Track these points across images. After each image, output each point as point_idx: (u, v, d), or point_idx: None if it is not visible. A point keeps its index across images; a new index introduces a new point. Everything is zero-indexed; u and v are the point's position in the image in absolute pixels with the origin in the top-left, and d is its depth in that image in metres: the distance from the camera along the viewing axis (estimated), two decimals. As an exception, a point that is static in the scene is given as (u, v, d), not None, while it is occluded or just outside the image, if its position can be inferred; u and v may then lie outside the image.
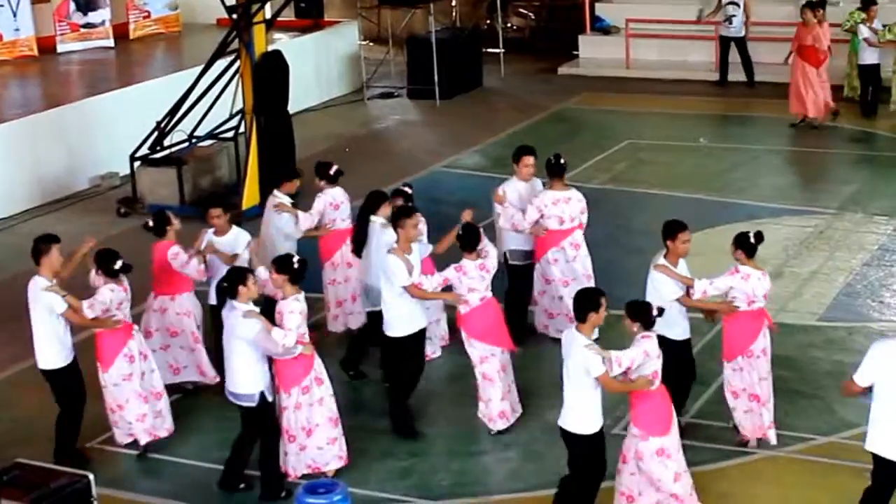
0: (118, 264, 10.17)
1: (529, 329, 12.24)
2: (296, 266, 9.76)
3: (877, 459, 8.54)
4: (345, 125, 20.66)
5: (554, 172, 11.93)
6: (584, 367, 8.78)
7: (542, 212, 11.81)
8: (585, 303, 8.90)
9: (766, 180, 17.23)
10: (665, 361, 9.05)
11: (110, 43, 22.11)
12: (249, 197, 15.94)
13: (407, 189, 11.77)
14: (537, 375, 11.49)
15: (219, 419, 10.92)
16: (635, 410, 9.02)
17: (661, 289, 10.03)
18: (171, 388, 11.05)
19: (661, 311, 9.06)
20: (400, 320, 10.45)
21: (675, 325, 10.04)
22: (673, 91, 21.61)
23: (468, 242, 10.42)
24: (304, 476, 9.83)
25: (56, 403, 10.30)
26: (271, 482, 9.75)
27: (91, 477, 8.44)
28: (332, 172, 12.21)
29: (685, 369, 10.23)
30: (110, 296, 10.15)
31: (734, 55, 21.55)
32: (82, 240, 10.78)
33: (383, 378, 11.22)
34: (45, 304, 10.02)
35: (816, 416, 10.69)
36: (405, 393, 10.70)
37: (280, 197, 12.08)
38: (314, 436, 9.86)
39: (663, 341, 9.29)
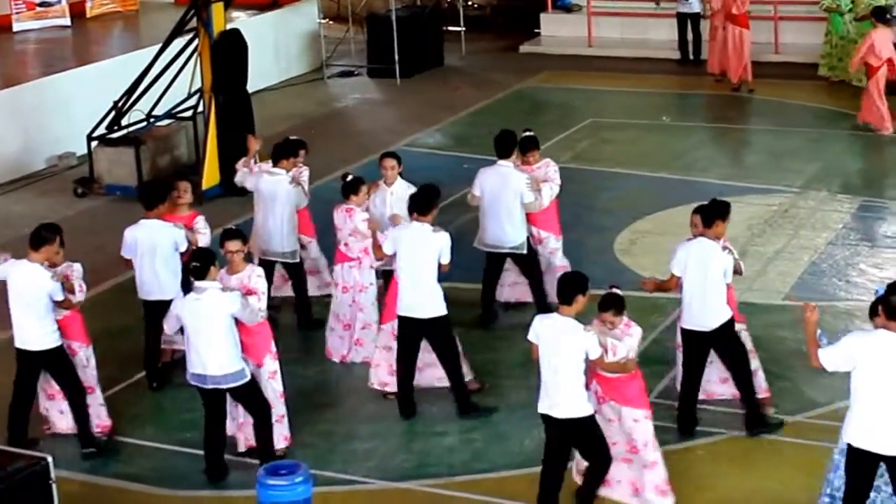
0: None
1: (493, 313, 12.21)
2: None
3: (854, 451, 8.19)
4: (304, 104, 20.53)
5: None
6: (583, 350, 8.66)
7: None
8: (575, 285, 8.80)
9: (729, 159, 17.28)
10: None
11: (67, 21, 21.87)
12: (209, 177, 15.83)
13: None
14: (500, 357, 11.45)
15: (174, 400, 10.88)
16: (628, 393, 8.95)
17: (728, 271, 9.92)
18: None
19: (614, 286, 9.06)
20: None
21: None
22: (635, 69, 21.56)
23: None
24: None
25: (59, 385, 10.11)
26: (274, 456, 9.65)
27: (49, 459, 8.30)
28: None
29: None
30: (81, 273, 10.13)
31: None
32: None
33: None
34: (47, 291, 9.83)
35: (782, 396, 10.63)
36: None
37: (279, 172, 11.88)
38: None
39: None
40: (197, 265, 9.43)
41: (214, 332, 9.41)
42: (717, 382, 10.34)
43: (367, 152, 16.88)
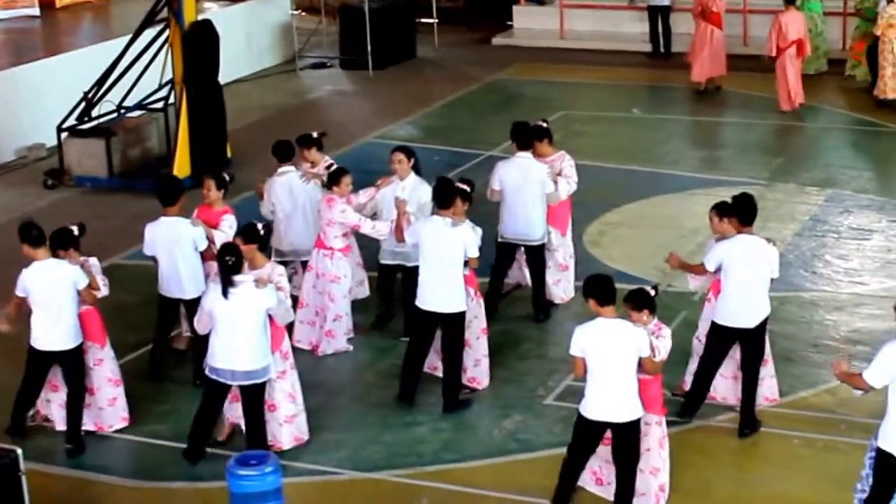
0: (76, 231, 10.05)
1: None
2: (262, 234, 9.74)
3: (882, 455, 8.10)
4: (277, 96, 20.47)
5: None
6: (638, 349, 8.59)
7: None
8: (611, 287, 8.75)
9: (698, 151, 17.33)
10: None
11: (36, 11, 21.72)
12: (180, 168, 15.69)
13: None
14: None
15: (145, 392, 10.81)
16: (646, 397, 8.78)
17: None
18: None
19: (655, 288, 8.93)
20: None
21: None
22: (607, 62, 21.63)
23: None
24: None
25: (68, 384, 10.01)
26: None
27: (19, 451, 8.26)
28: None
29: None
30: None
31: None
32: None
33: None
34: (76, 286, 9.81)
35: (748, 386, 10.71)
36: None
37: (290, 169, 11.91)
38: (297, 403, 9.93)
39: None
40: (232, 259, 9.32)
41: (249, 326, 9.33)
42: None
43: (340, 144, 16.86)
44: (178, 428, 10.10)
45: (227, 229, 10.80)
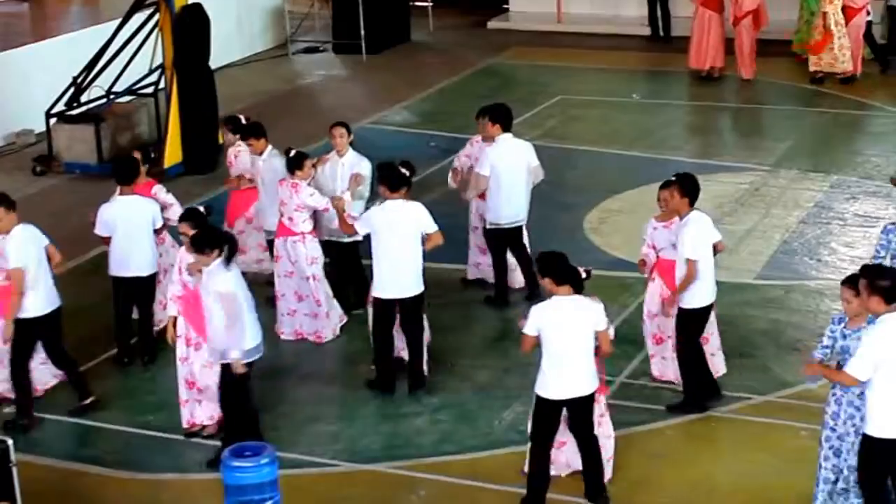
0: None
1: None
2: (206, 215, 9.90)
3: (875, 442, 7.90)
4: (269, 81, 20.32)
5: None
6: (594, 323, 8.59)
7: None
8: (567, 266, 8.70)
9: (700, 137, 17.20)
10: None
11: (25, -5, 21.56)
12: (171, 154, 15.62)
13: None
14: (467, 338, 11.36)
15: (137, 382, 10.75)
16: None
17: None
18: None
19: (588, 272, 8.87)
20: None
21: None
22: (605, 46, 21.46)
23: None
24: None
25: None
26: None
27: (10, 442, 8.15)
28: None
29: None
30: None
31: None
32: None
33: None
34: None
35: (752, 376, 10.59)
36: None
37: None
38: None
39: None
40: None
41: (249, 305, 9.32)
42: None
43: (333, 130, 16.64)
44: (169, 419, 10.00)
45: (171, 199, 11.18)
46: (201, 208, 10.08)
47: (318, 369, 10.94)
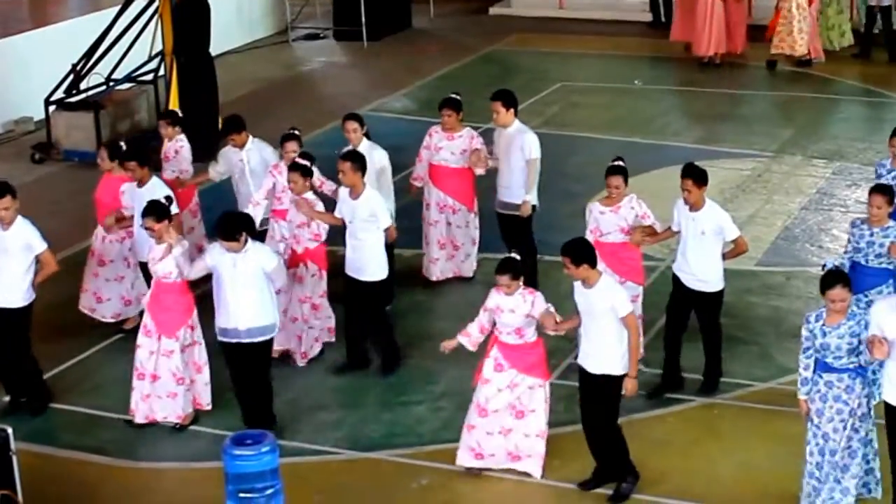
0: None
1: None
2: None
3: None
4: (269, 68, 20.29)
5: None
6: (612, 305, 8.55)
7: None
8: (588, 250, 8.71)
9: (702, 123, 17.13)
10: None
11: (24, -18, 21.48)
12: (171, 141, 15.50)
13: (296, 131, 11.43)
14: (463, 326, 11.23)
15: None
16: (529, 360, 8.97)
17: None
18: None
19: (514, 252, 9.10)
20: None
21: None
22: (607, 32, 21.46)
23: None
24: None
25: None
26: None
27: (9, 430, 8.12)
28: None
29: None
30: None
31: None
32: None
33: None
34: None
35: (754, 363, 10.59)
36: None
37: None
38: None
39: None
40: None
41: (251, 287, 9.44)
42: None
43: (334, 117, 16.52)
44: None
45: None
46: (162, 198, 9.92)
47: (320, 358, 10.87)
